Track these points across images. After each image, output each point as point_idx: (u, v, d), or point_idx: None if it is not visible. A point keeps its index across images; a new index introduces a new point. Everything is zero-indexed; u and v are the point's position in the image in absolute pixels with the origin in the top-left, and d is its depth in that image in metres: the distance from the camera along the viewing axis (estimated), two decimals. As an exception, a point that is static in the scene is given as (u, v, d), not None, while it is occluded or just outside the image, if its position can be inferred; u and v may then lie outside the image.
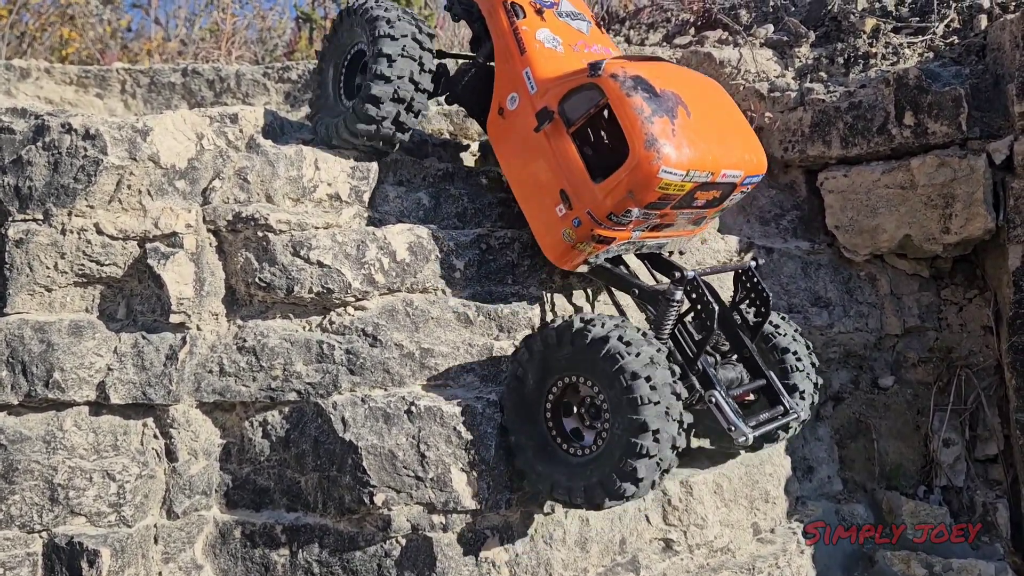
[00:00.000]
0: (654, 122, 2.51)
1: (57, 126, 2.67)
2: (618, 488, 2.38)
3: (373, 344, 2.72)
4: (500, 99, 2.90)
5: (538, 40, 2.88)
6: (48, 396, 2.57)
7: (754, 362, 2.81)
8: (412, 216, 3.10)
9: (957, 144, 3.54)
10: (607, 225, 2.64)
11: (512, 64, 2.87)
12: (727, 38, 4.39)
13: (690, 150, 2.54)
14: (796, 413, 2.77)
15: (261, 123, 3.00)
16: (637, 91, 2.55)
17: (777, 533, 3.26)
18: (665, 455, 2.38)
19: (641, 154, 2.49)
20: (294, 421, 2.70)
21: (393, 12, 2.97)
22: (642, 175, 2.50)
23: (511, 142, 2.87)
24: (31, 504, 2.55)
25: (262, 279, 2.70)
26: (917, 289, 3.82)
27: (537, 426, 2.57)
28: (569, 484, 2.48)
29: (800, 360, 3.03)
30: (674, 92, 2.62)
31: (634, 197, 2.55)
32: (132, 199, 2.68)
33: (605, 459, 2.42)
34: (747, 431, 2.52)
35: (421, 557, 2.59)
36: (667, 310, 2.64)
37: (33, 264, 2.63)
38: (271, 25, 7.56)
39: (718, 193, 2.73)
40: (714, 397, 2.57)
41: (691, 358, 2.64)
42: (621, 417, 2.38)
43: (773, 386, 2.80)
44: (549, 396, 2.56)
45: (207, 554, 2.71)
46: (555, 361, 2.53)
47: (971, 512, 3.59)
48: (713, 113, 2.76)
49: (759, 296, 2.83)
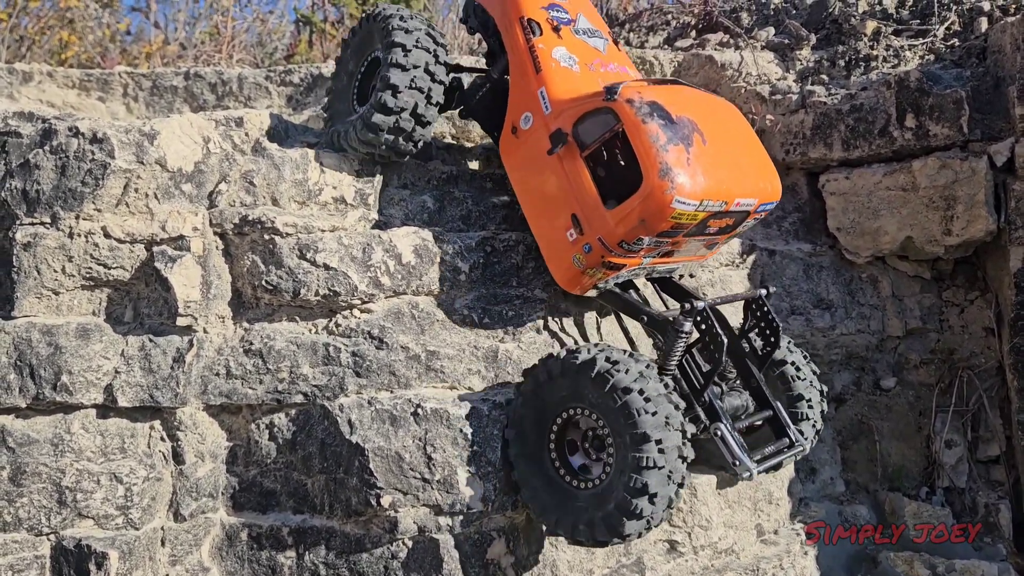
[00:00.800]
0: (669, 151, 2.47)
1: (64, 130, 2.68)
2: (634, 508, 2.37)
3: (379, 346, 2.73)
4: (514, 118, 2.86)
5: (554, 59, 2.84)
6: (56, 399, 2.58)
7: (761, 392, 2.80)
8: (417, 219, 3.11)
9: (958, 146, 3.55)
10: (618, 252, 2.62)
11: (527, 82, 2.83)
12: (728, 41, 4.41)
13: (704, 179, 2.50)
14: (802, 446, 2.75)
15: (266, 126, 3.01)
16: (653, 118, 2.51)
17: (780, 534, 3.27)
18: (675, 466, 2.38)
19: (655, 183, 2.46)
20: (301, 423, 2.71)
21: (411, 23, 2.92)
22: (655, 205, 2.47)
23: (524, 162, 2.83)
24: (39, 507, 2.55)
25: (268, 282, 2.71)
26: (919, 291, 3.83)
27: (543, 466, 2.55)
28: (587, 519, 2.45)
29: (812, 408, 3.00)
30: (690, 119, 2.58)
31: (646, 226, 2.53)
32: (139, 202, 2.69)
33: (615, 484, 2.41)
34: (751, 466, 2.51)
35: (428, 559, 2.60)
36: (676, 341, 2.62)
37: (41, 267, 2.64)
38: (271, 28, 7.57)
39: (731, 221, 2.71)
40: (719, 431, 2.57)
41: (698, 390, 2.63)
42: (622, 436, 2.37)
43: (780, 418, 2.78)
44: (551, 434, 2.55)
45: (214, 556, 2.71)
46: (551, 398, 2.52)
47: (973, 513, 3.60)
48: (729, 140, 2.73)
49: (768, 325, 2.80)
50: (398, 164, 3.23)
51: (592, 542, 2.47)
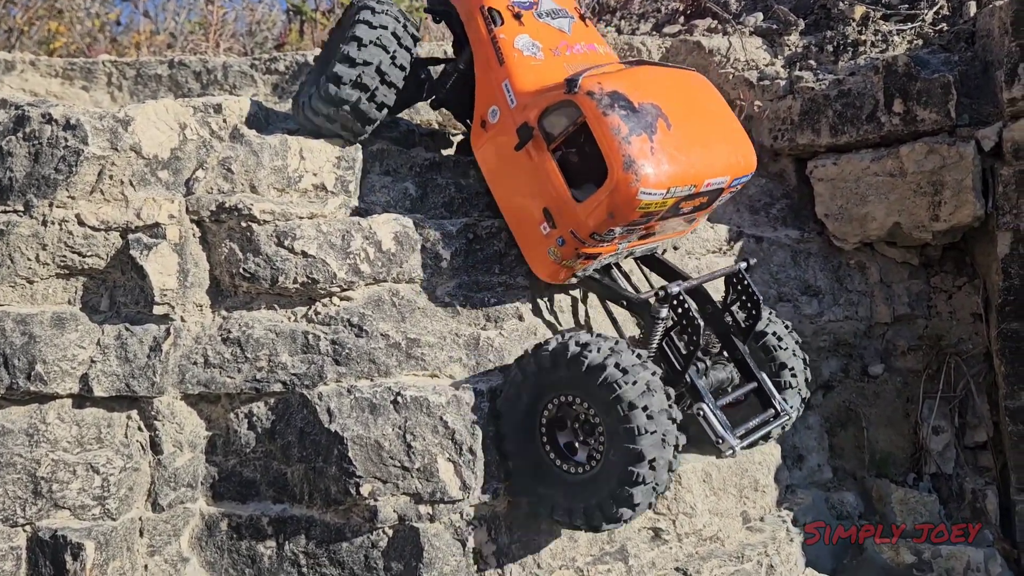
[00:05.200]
0: (632, 142, 2.45)
1: (37, 116, 2.65)
2: (616, 513, 2.40)
3: (359, 334, 2.70)
4: (481, 112, 2.84)
5: (516, 48, 2.81)
6: (30, 389, 2.55)
7: (745, 364, 2.81)
8: (398, 206, 3.08)
9: (946, 131, 3.52)
10: (591, 243, 2.61)
11: (492, 75, 2.81)
12: (716, 27, 4.37)
13: (670, 167, 2.49)
14: (787, 415, 2.76)
15: (245, 113, 2.97)
16: (614, 109, 2.49)
17: (767, 522, 3.25)
18: (661, 480, 2.39)
19: (619, 176, 2.45)
20: (280, 412, 2.69)
21: (379, 17, 2.89)
22: (621, 198, 2.47)
23: (494, 156, 2.82)
24: (14, 498, 2.53)
25: (246, 270, 2.68)
26: (907, 277, 3.81)
27: (533, 446, 2.55)
28: (568, 506, 2.48)
29: (795, 376, 3.03)
30: (653, 103, 2.56)
31: (615, 218, 2.52)
32: (114, 190, 2.66)
33: (602, 482, 2.42)
34: (734, 443, 2.53)
35: (408, 548, 2.58)
36: (653, 327, 2.64)
37: (14, 256, 2.60)
38: (260, 18, 7.52)
39: (705, 199, 2.70)
40: (702, 410, 2.57)
41: (679, 371, 2.63)
42: (618, 445, 2.37)
43: (764, 388, 2.79)
44: (544, 415, 2.54)
45: (193, 547, 2.69)
46: (550, 382, 2.51)
47: (960, 499, 3.59)
48: (696, 118, 2.70)
49: (750, 299, 2.81)
50: (380, 151, 3.20)
51: (568, 525, 2.52)
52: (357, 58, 2.81)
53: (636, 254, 2.92)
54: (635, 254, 2.91)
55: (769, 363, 3.03)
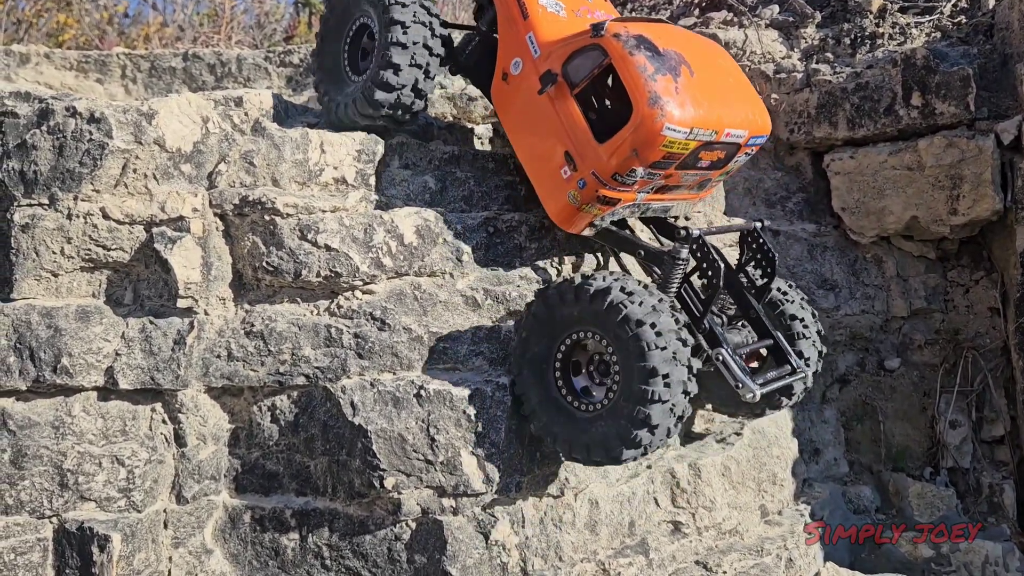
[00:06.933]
0: (657, 80, 2.51)
1: (62, 110, 2.65)
2: (634, 437, 2.37)
3: (381, 328, 2.71)
4: (504, 64, 2.90)
5: (540, 4, 2.88)
6: (56, 381, 2.56)
7: (761, 323, 2.80)
8: (418, 199, 3.08)
9: (965, 125, 3.52)
10: (612, 186, 2.63)
11: (515, 29, 2.87)
12: (732, 19, 4.36)
13: (694, 108, 2.53)
14: (803, 372, 2.76)
15: (266, 106, 2.97)
16: (640, 50, 2.55)
17: (784, 515, 3.27)
18: (677, 400, 2.38)
19: (645, 112, 2.48)
20: (303, 405, 2.69)
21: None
22: (646, 132, 2.50)
23: (515, 107, 2.87)
24: (41, 489, 2.54)
25: (269, 263, 2.69)
26: (923, 271, 3.81)
27: (547, 387, 2.56)
28: (586, 441, 2.47)
29: (807, 327, 2.98)
30: (677, 52, 2.62)
31: (638, 156, 2.55)
32: (138, 183, 2.66)
33: (619, 410, 2.41)
34: (754, 387, 2.52)
35: (431, 540, 2.59)
36: (673, 268, 2.65)
37: (39, 249, 2.61)
38: (268, 10, 7.51)
39: (722, 154, 2.72)
40: (721, 355, 2.57)
41: (697, 317, 2.63)
42: (629, 366, 2.38)
43: (780, 345, 2.79)
44: (558, 355, 2.56)
45: (217, 539, 2.70)
46: (561, 319, 2.53)
47: (977, 493, 3.60)
48: (716, 73, 2.76)
49: (765, 257, 2.81)
50: (399, 144, 3.19)
51: (588, 462, 2.51)
52: (402, 63, 2.86)
53: (649, 213, 2.92)
54: (648, 212, 2.91)
55: (779, 317, 2.99)
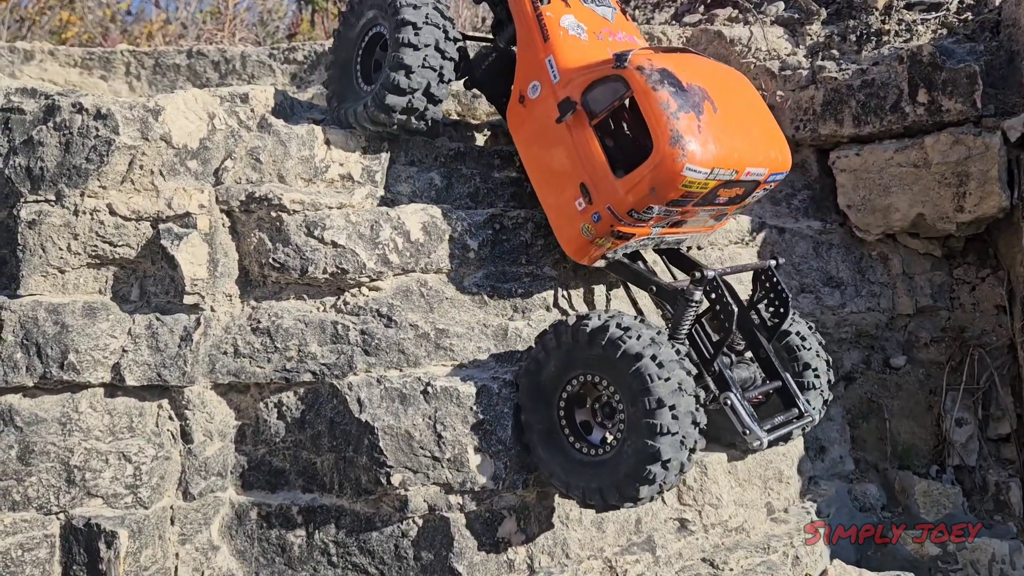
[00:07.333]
0: (680, 118, 2.45)
1: (68, 106, 2.65)
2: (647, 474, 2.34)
3: (388, 325, 2.71)
4: (521, 87, 2.84)
5: (562, 27, 2.81)
6: (63, 378, 2.56)
7: (770, 363, 2.78)
8: (424, 196, 3.08)
9: (971, 122, 3.51)
10: (627, 221, 2.60)
11: (535, 51, 2.80)
12: (737, 16, 4.35)
13: (715, 148, 2.49)
14: (811, 416, 2.74)
15: (272, 103, 2.97)
16: (664, 85, 2.49)
17: (791, 513, 3.26)
18: (687, 432, 2.37)
19: (665, 151, 2.44)
20: (309, 402, 2.69)
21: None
22: (666, 172, 2.46)
23: (531, 131, 2.81)
24: (48, 486, 2.54)
25: (276, 260, 2.69)
26: (929, 268, 3.80)
27: (550, 413, 2.55)
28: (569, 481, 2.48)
29: (819, 378, 2.99)
30: (701, 86, 2.56)
31: (656, 194, 2.51)
32: (144, 179, 2.66)
33: (611, 469, 2.40)
34: (762, 435, 2.51)
35: (438, 537, 2.59)
36: (685, 310, 2.61)
37: (46, 246, 2.61)
38: (271, 7, 7.50)
39: (741, 191, 2.69)
40: (729, 399, 2.56)
41: (707, 359, 2.62)
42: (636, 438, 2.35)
43: (788, 388, 2.77)
44: (566, 390, 2.54)
45: (223, 535, 2.70)
46: (580, 358, 2.49)
47: (984, 492, 3.59)
48: (739, 108, 2.71)
49: (778, 297, 2.79)
50: (405, 141, 3.19)
51: (603, 507, 2.47)
52: (413, 64, 2.78)
53: (663, 245, 2.92)
54: (662, 245, 2.90)
55: (792, 363, 3.00)
